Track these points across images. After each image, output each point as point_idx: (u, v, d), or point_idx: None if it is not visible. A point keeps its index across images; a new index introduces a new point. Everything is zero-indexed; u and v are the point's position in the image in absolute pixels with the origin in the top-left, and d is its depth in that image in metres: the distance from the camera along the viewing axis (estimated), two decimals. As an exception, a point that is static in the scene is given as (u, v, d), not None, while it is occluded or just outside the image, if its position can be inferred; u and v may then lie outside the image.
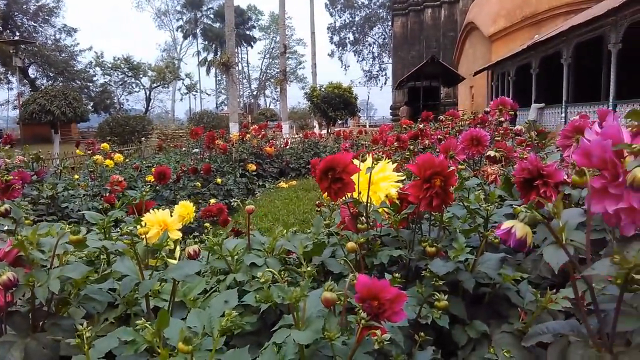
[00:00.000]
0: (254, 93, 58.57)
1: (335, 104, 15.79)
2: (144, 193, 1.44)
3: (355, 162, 1.65)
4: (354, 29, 53.24)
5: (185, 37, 53.77)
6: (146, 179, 4.44)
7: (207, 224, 1.85)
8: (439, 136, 3.10)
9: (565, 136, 1.27)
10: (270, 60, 54.65)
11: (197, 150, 6.26)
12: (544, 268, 1.26)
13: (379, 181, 1.50)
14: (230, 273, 1.25)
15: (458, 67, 26.93)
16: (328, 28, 53.42)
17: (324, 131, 14.20)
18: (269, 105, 55.42)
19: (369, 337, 0.76)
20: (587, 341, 0.62)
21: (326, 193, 1.18)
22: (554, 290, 0.99)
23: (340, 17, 53.06)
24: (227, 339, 0.99)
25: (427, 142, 3.10)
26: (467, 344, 1.06)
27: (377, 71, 54.47)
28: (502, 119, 2.68)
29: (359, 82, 55.09)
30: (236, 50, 56.03)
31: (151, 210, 1.33)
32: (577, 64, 13.68)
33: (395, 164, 1.61)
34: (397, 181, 1.49)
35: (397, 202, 1.33)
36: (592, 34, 11.84)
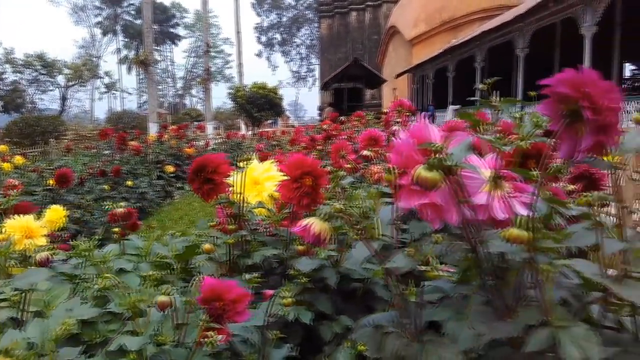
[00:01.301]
0: (180, 92, 57.04)
1: (260, 104, 15.70)
2: (10, 198, 1.35)
3: (253, 163, 1.64)
4: (282, 29, 53.25)
5: (104, 34, 51.39)
6: (48, 182, 4.19)
7: (115, 229, 1.78)
8: (343, 136, 3.17)
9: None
10: (196, 59, 53.42)
11: (108, 151, 6.00)
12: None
13: (264, 181, 1.51)
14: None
15: (382, 69, 27.65)
16: (255, 28, 53.10)
17: (250, 132, 14.09)
18: (195, 105, 54.14)
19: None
20: (403, 332, 0.65)
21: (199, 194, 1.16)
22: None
23: (267, 18, 52.91)
24: (86, 348, 0.95)
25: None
26: (333, 340, 1.08)
27: (305, 72, 54.85)
28: (399, 119, 2.79)
29: (288, 83, 55.22)
30: (160, 48, 54.34)
31: (16, 216, 1.26)
32: (491, 67, 14.43)
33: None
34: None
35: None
36: (502, 38, 12.56)
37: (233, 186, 1.28)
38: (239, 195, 1.28)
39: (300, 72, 54.70)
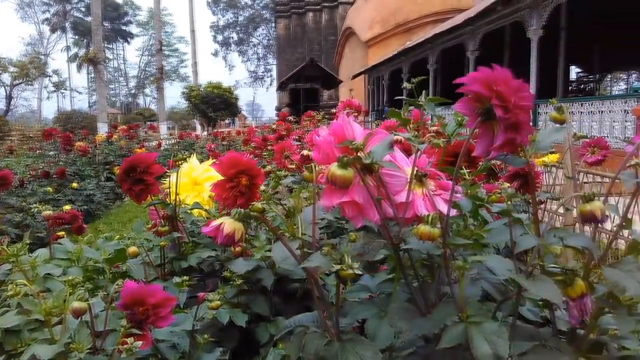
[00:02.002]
0: (133, 92, 55.60)
1: (215, 104, 15.48)
2: None
3: (193, 163, 1.60)
4: (238, 28, 52.68)
5: (52, 31, 49.48)
6: (-14, 185, 3.98)
7: (60, 233, 1.70)
8: (294, 136, 3.15)
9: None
10: (150, 57, 52.17)
11: (53, 152, 5.77)
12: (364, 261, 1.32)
13: (204, 181, 1.47)
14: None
15: (339, 70, 27.82)
16: (211, 27, 52.32)
17: (205, 132, 13.87)
18: (149, 105, 52.88)
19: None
20: (324, 331, 0.64)
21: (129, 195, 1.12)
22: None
23: (223, 17, 52.21)
24: (9, 357, 0.90)
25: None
26: (270, 341, 1.06)
27: (263, 72, 54.47)
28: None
29: (245, 83, 54.73)
30: (112, 46, 52.78)
31: None
32: (444, 68, 14.74)
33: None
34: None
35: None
36: (454, 41, 12.85)
37: (170, 187, 1.25)
38: (177, 196, 1.25)
39: (257, 72, 54.30)
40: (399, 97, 0.98)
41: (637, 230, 0.69)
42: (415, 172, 0.70)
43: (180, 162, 1.17)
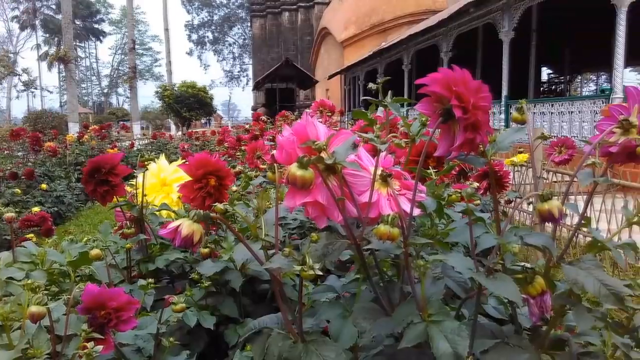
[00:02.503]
0: (105, 91, 54.61)
1: (189, 103, 15.30)
2: None
3: (161, 163, 1.58)
4: (213, 28, 52.23)
5: (22, 29, 48.25)
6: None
7: (29, 235, 1.66)
8: (268, 136, 3.14)
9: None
10: (123, 56, 51.32)
11: (21, 153, 5.62)
12: (328, 262, 1.32)
13: (173, 182, 1.45)
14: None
15: (315, 70, 27.81)
16: (186, 25, 51.74)
17: (180, 132, 13.71)
18: (122, 104, 52.02)
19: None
20: (288, 333, 0.64)
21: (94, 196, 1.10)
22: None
23: (198, 15, 51.69)
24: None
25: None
26: (238, 344, 1.06)
27: (239, 72, 54.11)
28: (322, 120, 2.82)
29: (220, 82, 54.32)
30: (84, 44, 51.72)
31: None
32: (418, 69, 14.86)
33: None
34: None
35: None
36: (428, 42, 12.98)
37: (138, 188, 1.23)
38: (143, 197, 1.23)
39: (233, 72, 53.92)
40: (365, 98, 0.98)
41: (595, 229, 0.71)
42: (380, 172, 0.70)
43: (147, 163, 1.15)
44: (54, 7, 47.72)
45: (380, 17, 21.56)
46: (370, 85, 0.81)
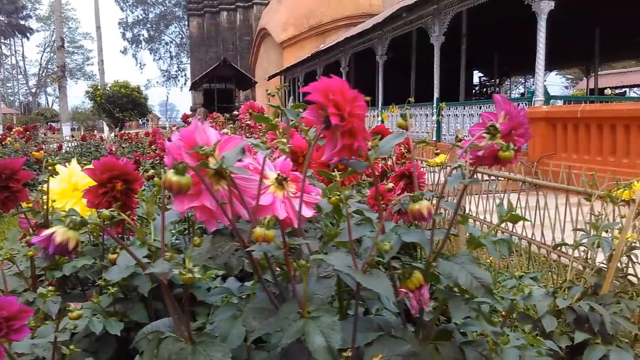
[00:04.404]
0: (33, 90, 51.77)
1: (122, 104, 14.80)
2: None
3: (73, 168, 1.53)
4: (149, 26, 50.72)
5: (-62, 23, 44.93)
6: None
7: None
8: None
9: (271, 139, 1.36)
10: (51, 54, 48.85)
11: None
12: (247, 264, 1.33)
13: (85, 187, 1.42)
14: None
15: (255, 70, 27.63)
16: (119, 23, 49.94)
17: (113, 134, 13.23)
18: (52, 104, 49.51)
19: None
20: (179, 336, 0.65)
21: (-6, 204, 1.06)
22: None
23: (132, 13, 50.01)
24: None
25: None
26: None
27: (176, 71, 52.82)
28: (249, 122, 2.84)
29: (157, 82, 52.85)
30: (9, 42, 48.76)
31: None
32: (356, 72, 15.11)
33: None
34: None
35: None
36: (364, 45, 13.23)
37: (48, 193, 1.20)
38: (50, 203, 1.20)
39: (170, 71, 52.58)
40: (268, 103, 1.01)
41: (470, 226, 0.76)
42: (275, 176, 0.73)
43: (52, 167, 1.12)
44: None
45: (319, 19, 21.73)
46: (269, 90, 0.84)
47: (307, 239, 0.80)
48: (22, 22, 49.57)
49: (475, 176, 0.74)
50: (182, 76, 52.44)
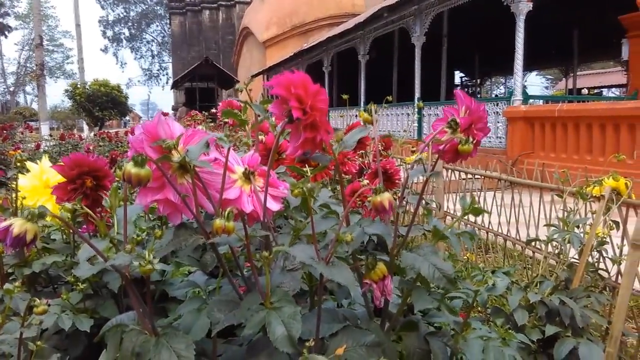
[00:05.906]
0: (11, 89, 50.83)
1: (101, 102, 14.62)
2: None
3: (44, 165, 1.51)
4: (130, 24, 50.16)
5: None
6: None
7: None
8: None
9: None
10: (30, 52, 47.98)
11: None
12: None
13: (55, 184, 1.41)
14: None
15: (238, 69, 27.51)
16: (100, 21, 49.30)
17: (92, 133, 13.07)
18: (31, 103, 48.67)
19: None
20: (143, 329, 0.65)
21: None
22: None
23: (113, 11, 49.40)
24: None
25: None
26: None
27: (158, 70, 52.34)
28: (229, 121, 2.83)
29: (139, 81, 52.31)
30: (-16, 38, 47.75)
31: None
32: (339, 71, 15.15)
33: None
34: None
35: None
36: (347, 45, 13.26)
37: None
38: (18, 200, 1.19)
39: (152, 70, 52.07)
40: (242, 100, 1.01)
41: (433, 221, 0.78)
42: (242, 170, 0.73)
43: (21, 164, 1.11)
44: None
45: (302, 19, 21.73)
46: (237, 86, 0.84)
47: (280, 234, 0.81)
48: (0, 20, 48.63)
49: (440, 170, 0.75)
50: (164, 75, 52.03)
